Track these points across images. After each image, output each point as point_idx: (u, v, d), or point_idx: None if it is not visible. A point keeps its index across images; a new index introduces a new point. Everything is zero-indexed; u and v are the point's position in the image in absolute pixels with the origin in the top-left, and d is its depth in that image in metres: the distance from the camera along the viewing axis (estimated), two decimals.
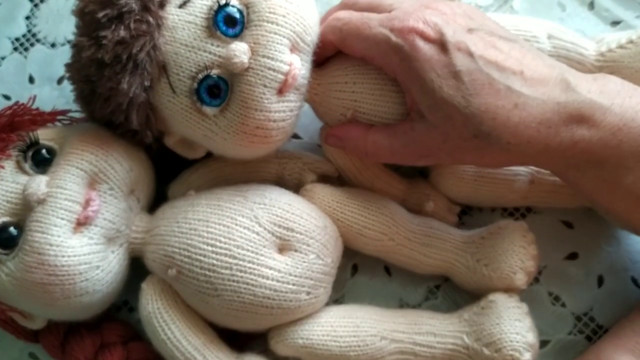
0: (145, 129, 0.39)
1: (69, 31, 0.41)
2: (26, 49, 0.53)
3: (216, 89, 0.38)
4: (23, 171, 0.40)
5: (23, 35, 0.53)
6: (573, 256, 0.46)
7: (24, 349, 0.46)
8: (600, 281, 0.45)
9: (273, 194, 0.41)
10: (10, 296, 0.39)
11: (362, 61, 0.40)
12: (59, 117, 0.45)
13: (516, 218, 0.47)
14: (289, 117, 0.39)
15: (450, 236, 0.43)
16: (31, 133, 0.40)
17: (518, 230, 0.43)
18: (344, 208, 0.42)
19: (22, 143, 0.40)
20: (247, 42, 0.37)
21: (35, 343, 0.44)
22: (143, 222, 0.41)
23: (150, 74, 0.37)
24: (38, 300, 0.38)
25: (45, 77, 0.52)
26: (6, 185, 0.39)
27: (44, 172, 0.39)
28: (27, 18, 0.54)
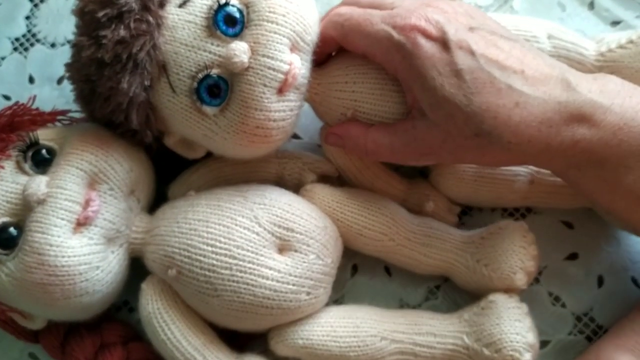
0: (145, 129, 0.39)
1: (69, 31, 0.41)
2: (26, 49, 0.53)
3: (216, 89, 0.38)
4: (23, 171, 0.40)
5: (23, 35, 0.53)
6: (573, 256, 0.46)
7: (24, 349, 0.46)
8: (600, 281, 0.45)
9: (273, 194, 0.41)
10: (10, 296, 0.38)
11: (363, 61, 0.40)
12: (59, 117, 0.45)
13: (516, 218, 0.47)
14: (289, 117, 0.39)
15: (450, 236, 0.43)
16: (31, 133, 0.40)
17: (518, 230, 0.43)
18: (344, 208, 0.42)
19: (22, 143, 0.40)
20: (247, 42, 0.37)
21: (35, 343, 0.44)
22: (143, 223, 0.41)
23: (150, 74, 0.37)
24: (38, 300, 0.38)
25: (45, 77, 0.52)
26: (6, 185, 0.39)
27: (44, 173, 0.39)
28: (27, 18, 0.54)
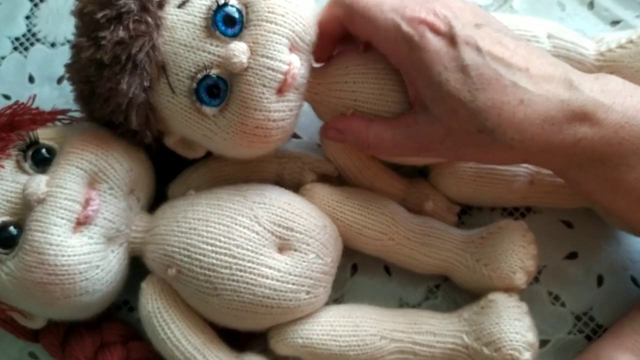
0: (144, 129, 0.39)
1: (69, 31, 0.41)
2: (26, 49, 0.53)
3: (215, 89, 0.37)
4: (23, 171, 0.40)
5: (23, 35, 0.53)
6: (573, 256, 0.46)
7: (24, 349, 0.46)
8: (600, 281, 0.45)
9: (273, 194, 0.41)
10: (10, 296, 0.39)
11: (362, 61, 0.40)
12: (59, 117, 0.45)
13: (516, 218, 0.47)
14: (289, 117, 0.39)
15: (450, 236, 0.43)
16: (31, 132, 0.40)
17: (518, 230, 0.43)
18: (344, 208, 0.42)
19: (22, 142, 0.40)
20: (246, 42, 0.37)
21: (35, 342, 0.44)
22: (143, 222, 0.41)
23: (149, 74, 0.37)
24: (38, 299, 0.38)
25: (45, 77, 0.52)
26: (6, 184, 0.39)
27: (44, 172, 0.39)
28: (27, 18, 0.54)
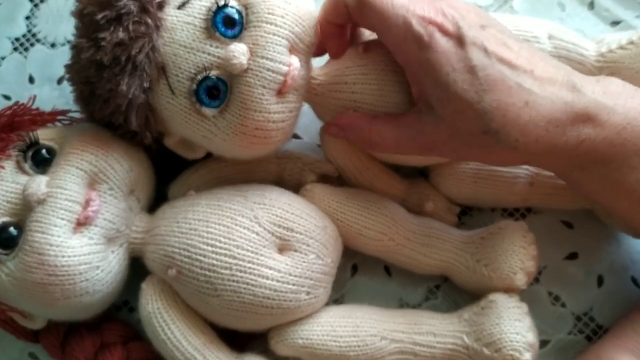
0: (144, 130, 0.39)
1: (69, 31, 0.41)
2: (26, 49, 0.53)
3: (215, 90, 0.37)
4: (23, 171, 0.40)
5: (23, 35, 0.53)
6: (573, 256, 0.46)
7: (24, 349, 0.46)
8: (600, 281, 0.45)
9: (273, 194, 0.41)
10: (10, 296, 0.39)
11: (362, 61, 0.40)
12: (59, 117, 0.45)
13: (516, 218, 0.47)
14: (288, 118, 0.39)
15: (450, 236, 0.43)
16: (31, 133, 0.40)
17: (518, 230, 0.43)
18: (344, 208, 0.42)
19: (22, 143, 0.40)
20: (246, 43, 0.37)
21: (35, 343, 0.44)
22: (143, 222, 0.41)
23: (149, 76, 0.37)
24: (38, 300, 0.38)
25: (45, 77, 0.52)
26: (6, 185, 0.39)
27: (44, 172, 0.39)
28: (27, 18, 0.54)
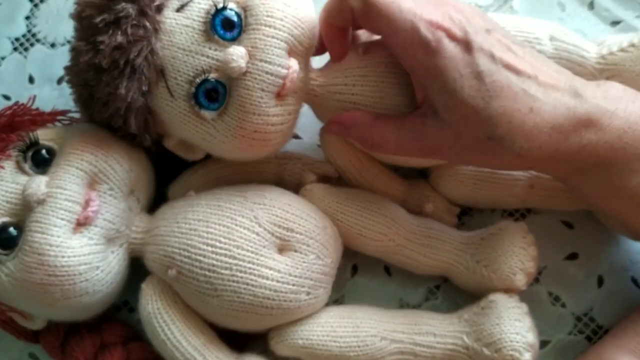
0: (143, 133, 0.39)
1: (69, 31, 0.41)
2: (26, 49, 0.53)
3: (214, 93, 0.37)
4: (23, 171, 0.40)
5: (23, 35, 0.53)
6: (573, 256, 0.46)
7: (24, 349, 0.46)
8: (600, 281, 0.45)
9: (273, 194, 0.41)
10: (10, 296, 0.39)
11: (362, 63, 0.40)
12: (59, 117, 0.45)
13: (516, 218, 0.47)
14: (287, 121, 0.39)
15: (450, 237, 0.43)
16: (31, 133, 0.40)
17: (518, 231, 0.43)
18: (344, 208, 0.42)
19: (22, 143, 0.40)
20: (245, 46, 0.37)
21: (35, 343, 0.44)
22: (143, 223, 0.41)
23: (148, 79, 0.37)
24: (38, 300, 0.38)
25: (45, 77, 0.52)
26: (6, 185, 0.39)
27: (44, 173, 0.39)
28: (27, 18, 0.54)
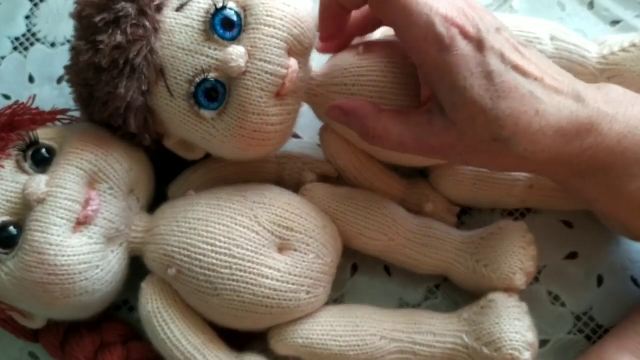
0: (143, 132, 0.39)
1: (69, 31, 0.41)
2: (26, 49, 0.53)
3: (214, 93, 0.37)
4: (23, 171, 0.40)
5: (23, 35, 0.53)
6: (573, 256, 0.46)
7: (24, 349, 0.46)
8: (600, 281, 0.45)
9: (273, 194, 0.41)
10: (10, 296, 0.39)
11: (362, 63, 0.40)
12: (59, 117, 0.45)
13: (516, 218, 0.47)
14: (287, 121, 0.39)
15: (449, 237, 0.43)
16: (31, 132, 0.40)
17: (518, 231, 0.43)
18: (344, 208, 0.42)
19: (22, 142, 0.40)
20: (245, 46, 0.37)
21: (35, 342, 0.44)
22: (143, 222, 0.41)
23: (147, 78, 0.37)
24: (38, 299, 0.38)
25: (45, 77, 0.52)
26: (6, 184, 0.39)
27: (44, 172, 0.39)
28: (27, 18, 0.54)
